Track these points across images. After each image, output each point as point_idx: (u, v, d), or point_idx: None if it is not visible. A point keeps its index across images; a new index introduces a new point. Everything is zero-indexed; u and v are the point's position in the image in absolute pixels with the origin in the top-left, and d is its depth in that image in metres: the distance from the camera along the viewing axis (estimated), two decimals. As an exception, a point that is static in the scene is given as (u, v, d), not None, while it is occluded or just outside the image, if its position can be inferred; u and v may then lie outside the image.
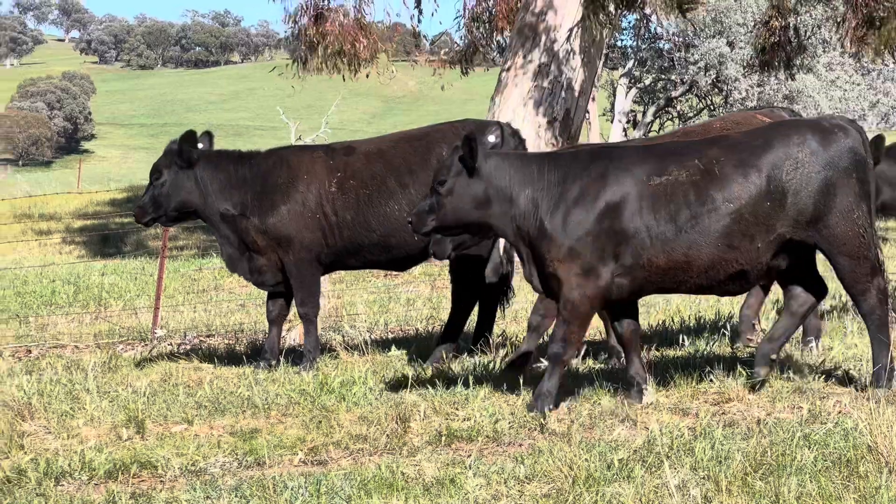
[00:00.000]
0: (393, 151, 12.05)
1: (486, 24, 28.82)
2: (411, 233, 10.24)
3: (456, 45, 30.15)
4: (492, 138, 10.06)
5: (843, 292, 10.23)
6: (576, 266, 9.08)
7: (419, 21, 27.62)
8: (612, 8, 19.68)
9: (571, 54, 21.47)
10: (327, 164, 11.88)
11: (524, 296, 15.80)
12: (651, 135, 61.71)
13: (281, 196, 11.76)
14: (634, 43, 57.58)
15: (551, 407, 9.17)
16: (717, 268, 9.07)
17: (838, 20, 21.51)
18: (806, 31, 22.35)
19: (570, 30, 21.33)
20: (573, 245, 9.08)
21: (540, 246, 9.21)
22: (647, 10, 21.77)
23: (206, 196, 11.79)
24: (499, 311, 12.29)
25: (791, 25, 22.55)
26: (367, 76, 22.83)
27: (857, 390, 9.15)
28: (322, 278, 12.33)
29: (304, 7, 22.13)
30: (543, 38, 21.56)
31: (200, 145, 11.82)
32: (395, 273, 19.40)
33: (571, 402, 9.32)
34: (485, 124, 12.07)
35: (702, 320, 13.38)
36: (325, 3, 21.98)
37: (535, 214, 9.22)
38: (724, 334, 11.88)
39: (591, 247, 9.04)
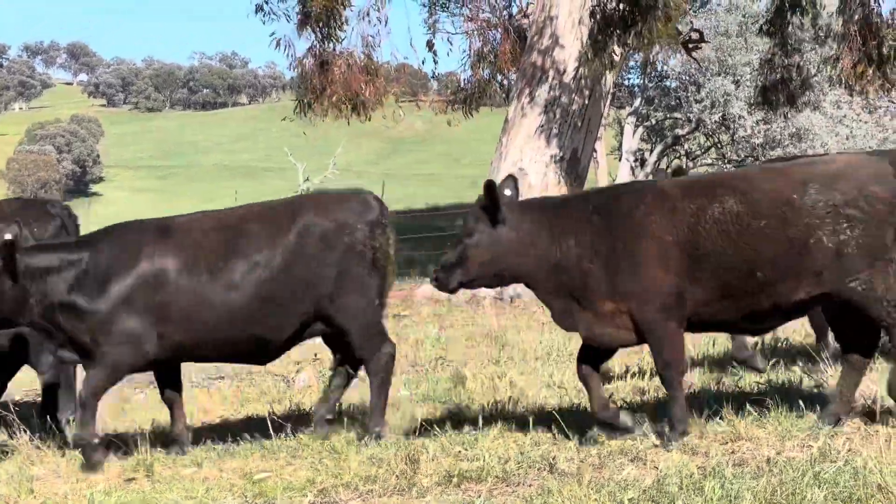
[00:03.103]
0: None
1: (492, 65, 28.93)
2: None
3: (462, 86, 30.27)
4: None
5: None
6: None
7: (435, 62, 27.71)
8: (615, 48, 19.80)
9: (577, 94, 21.58)
10: None
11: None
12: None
13: None
14: (641, 81, 57.76)
15: None
16: None
17: (833, 58, 21.62)
18: (811, 70, 22.55)
19: (576, 69, 21.45)
20: None
21: None
22: (654, 50, 21.87)
23: None
24: None
25: (795, 64, 22.65)
26: (369, 119, 22.86)
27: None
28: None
29: (310, 52, 22.21)
30: (549, 77, 21.68)
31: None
32: (402, 314, 19.48)
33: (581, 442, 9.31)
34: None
35: (708, 359, 13.38)
36: (332, 48, 22.05)
37: None
38: (732, 373, 11.88)
39: None
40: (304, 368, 14.27)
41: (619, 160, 59.41)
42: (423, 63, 27.24)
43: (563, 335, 15.17)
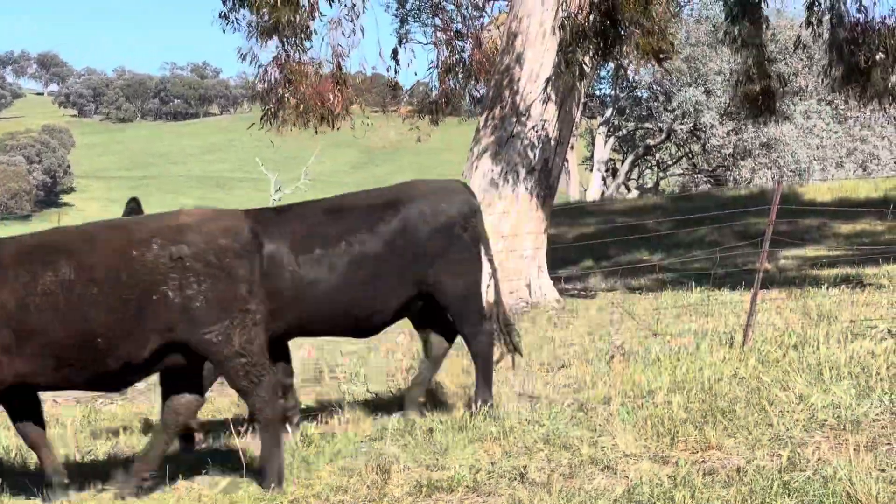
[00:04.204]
0: None
1: (460, 75, 28.95)
2: None
3: (429, 96, 30.30)
4: None
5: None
6: None
7: (396, 72, 27.71)
8: (587, 59, 19.81)
9: (548, 104, 21.57)
10: None
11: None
12: (630, 184, 62.02)
13: None
14: (612, 91, 57.90)
15: None
16: None
17: (824, 67, 21.67)
18: (788, 79, 22.64)
19: (547, 80, 21.44)
20: None
21: None
22: (624, 61, 21.91)
23: None
24: None
25: (775, 74, 22.72)
26: (338, 129, 22.76)
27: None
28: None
29: (276, 62, 22.12)
30: (519, 88, 21.68)
31: None
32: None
33: (551, 451, 9.31)
34: None
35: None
36: (298, 57, 21.99)
37: None
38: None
39: None
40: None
41: (591, 170, 59.52)
42: (392, 73, 27.22)
43: (534, 345, 15.18)
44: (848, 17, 20.60)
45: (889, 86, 20.16)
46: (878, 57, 19.84)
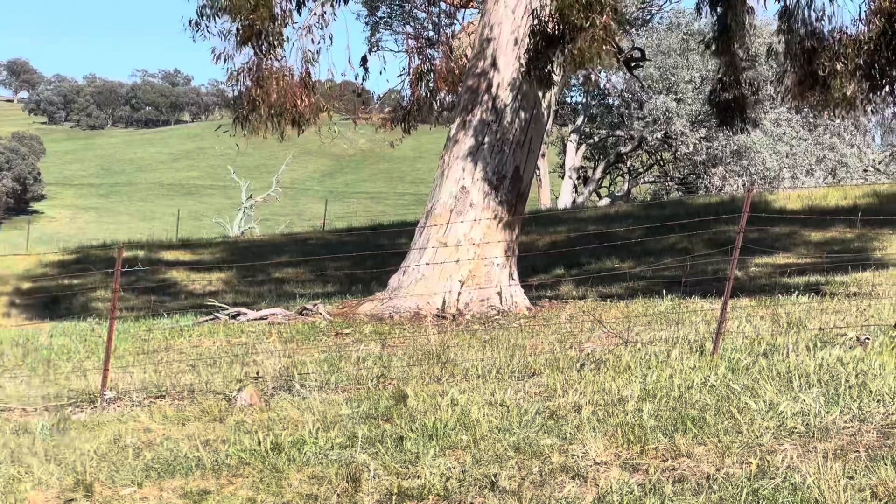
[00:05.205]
0: None
1: (431, 83, 29.00)
2: None
3: (401, 104, 30.37)
4: None
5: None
6: None
7: (364, 80, 27.71)
8: (553, 66, 19.87)
9: (518, 111, 21.63)
10: None
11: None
12: (602, 191, 62.19)
13: None
14: (584, 99, 58.04)
15: None
16: None
17: (779, 75, 21.78)
18: (763, 87, 22.69)
19: (517, 87, 21.51)
20: None
21: None
22: (594, 70, 21.94)
23: None
24: None
25: (746, 81, 22.82)
26: (302, 131, 22.77)
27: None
28: (273, 336, 12.22)
29: (247, 66, 22.14)
30: (490, 95, 21.72)
31: None
32: (344, 331, 19.41)
33: (521, 459, 9.32)
34: None
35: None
36: (269, 63, 22.02)
37: None
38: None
39: None
40: (246, 386, 14.18)
41: (563, 178, 59.64)
42: (360, 80, 27.30)
43: (505, 353, 15.19)
44: (807, 25, 20.71)
45: (847, 94, 20.24)
46: (837, 66, 19.92)
